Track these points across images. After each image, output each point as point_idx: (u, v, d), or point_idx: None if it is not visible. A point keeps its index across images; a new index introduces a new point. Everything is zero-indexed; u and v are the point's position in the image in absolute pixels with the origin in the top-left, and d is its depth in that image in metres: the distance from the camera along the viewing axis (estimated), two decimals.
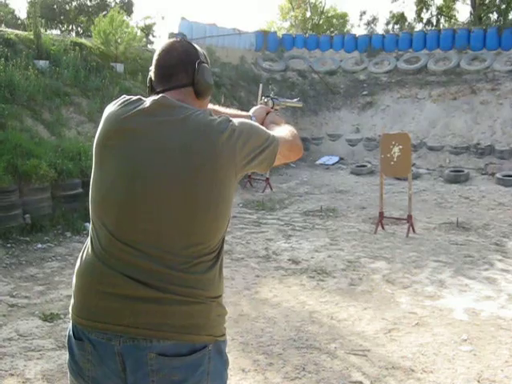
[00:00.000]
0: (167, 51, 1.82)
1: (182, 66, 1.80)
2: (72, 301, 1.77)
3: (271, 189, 12.02)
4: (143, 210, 1.67)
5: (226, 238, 6.07)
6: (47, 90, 10.21)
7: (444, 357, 4.26)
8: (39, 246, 7.05)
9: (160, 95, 1.76)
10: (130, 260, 1.66)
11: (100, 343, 1.66)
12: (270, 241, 7.89)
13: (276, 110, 2.34)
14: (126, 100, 1.79)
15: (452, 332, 4.73)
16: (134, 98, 1.79)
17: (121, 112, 1.75)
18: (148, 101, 1.75)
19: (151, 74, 1.86)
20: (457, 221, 8.85)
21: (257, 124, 1.89)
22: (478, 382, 3.87)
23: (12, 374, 3.88)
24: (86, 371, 1.71)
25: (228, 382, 3.70)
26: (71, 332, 1.76)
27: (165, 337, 1.63)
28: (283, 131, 2.02)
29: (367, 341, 4.55)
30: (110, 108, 1.80)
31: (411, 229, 8.28)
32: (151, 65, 1.87)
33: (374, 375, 3.95)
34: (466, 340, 4.56)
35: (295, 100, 2.75)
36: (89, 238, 1.78)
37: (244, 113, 2.23)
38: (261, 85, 13.15)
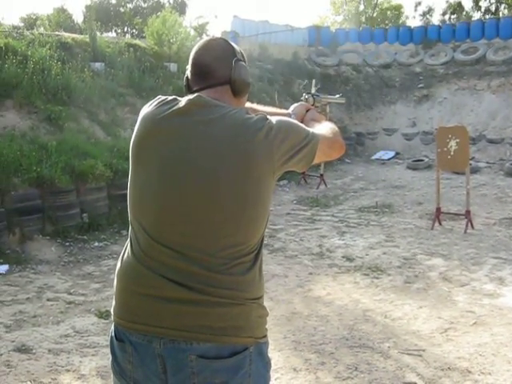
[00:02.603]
0: (203, 49, 1.81)
1: (218, 64, 1.78)
2: (113, 302, 1.78)
3: (325, 185, 11.91)
4: (181, 211, 1.66)
5: (280, 236, 6.06)
6: (103, 92, 10.44)
7: (503, 358, 4.11)
8: (96, 244, 7.21)
9: (195, 95, 1.74)
10: (169, 262, 1.65)
11: (141, 345, 1.67)
12: (324, 238, 7.82)
13: (317, 107, 2.29)
14: (162, 100, 1.78)
15: None
16: (170, 98, 1.78)
17: (157, 112, 1.74)
18: (183, 100, 1.74)
19: (188, 72, 1.85)
20: None
21: (295, 121, 1.85)
22: None
23: (68, 370, 3.98)
24: (128, 372, 1.72)
25: (279, 381, 3.69)
26: (113, 333, 1.77)
27: (205, 339, 1.62)
28: (323, 128, 1.97)
29: (422, 340, 4.45)
30: (146, 109, 1.80)
31: (469, 224, 8.05)
32: (188, 64, 1.85)
33: (428, 376, 3.85)
34: None
35: (337, 96, 2.69)
36: (128, 239, 1.78)
37: (283, 111, 2.19)
38: (314, 80, 13.04)
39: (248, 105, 2.01)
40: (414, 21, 44.98)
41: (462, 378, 3.82)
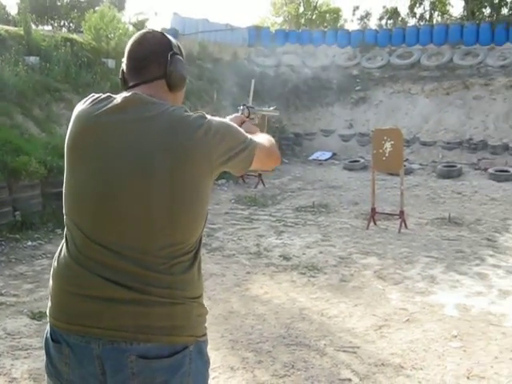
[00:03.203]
0: (139, 42, 1.78)
1: (154, 57, 1.76)
2: (49, 303, 1.74)
3: (263, 184, 11.98)
4: (118, 210, 1.64)
5: (218, 235, 6.04)
6: (37, 86, 10.15)
7: (434, 353, 4.24)
8: (29, 243, 7.00)
9: (131, 92, 1.73)
10: (107, 262, 1.62)
11: (78, 346, 1.64)
12: (262, 237, 7.86)
13: (252, 119, 2.30)
14: (96, 98, 1.74)
15: (442, 328, 4.72)
16: (104, 95, 1.75)
17: (91, 110, 1.71)
18: (119, 98, 1.71)
19: (123, 65, 1.82)
20: (449, 216, 8.84)
21: (235, 125, 1.85)
22: (468, 378, 3.86)
23: None
24: (64, 374, 1.68)
25: (216, 380, 3.69)
26: (49, 335, 1.73)
27: (145, 339, 1.61)
28: (261, 138, 1.98)
29: (357, 337, 4.54)
30: (80, 106, 1.76)
31: (403, 224, 8.27)
32: (123, 57, 1.82)
33: (363, 372, 3.93)
34: (456, 336, 4.55)
35: (272, 108, 2.71)
36: (64, 239, 1.74)
37: None
38: (253, 80, 13.07)
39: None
40: (352, 24, 45.87)
41: (395, 373, 3.92)
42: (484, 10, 24.84)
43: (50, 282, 1.74)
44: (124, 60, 1.82)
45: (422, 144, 15.06)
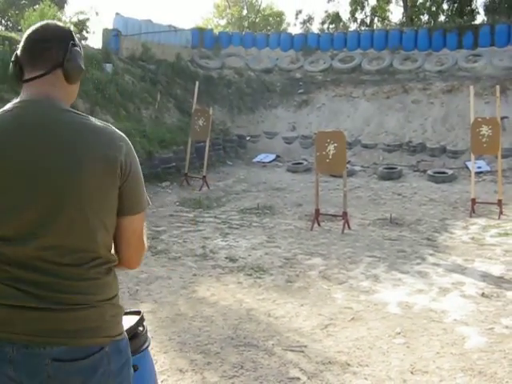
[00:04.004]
0: (42, 27, 1.77)
1: (56, 41, 1.75)
2: None
3: (208, 187, 11.97)
4: (21, 222, 1.65)
5: (163, 237, 5.99)
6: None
7: (379, 350, 4.34)
8: None
9: (29, 100, 1.72)
10: (16, 273, 1.64)
11: None
12: (207, 239, 7.85)
13: None
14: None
15: (386, 326, 4.83)
16: (8, 106, 1.73)
17: None
18: (26, 108, 1.71)
19: (18, 53, 1.77)
20: (390, 217, 9.05)
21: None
22: (412, 373, 3.96)
23: None
24: None
25: (165, 383, 3.67)
26: None
27: (58, 342, 1.65)
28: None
29: (304, 337, 4.59)
30: None
31: (346, 225, 8.42)
32: (18, 47, 1.79)
33: (311, 371, 3.99)
34: (399, 333, 4.66)
35: None
36: None
37: None
38: (197, 82, 13.06)
39: None
40: (294, 28, 46.28)
41: (342, 370, 3.99)
42: (422, 16, 25.58)
43: None
44: (20, 46, 1.77)
45: (363, 146, 15.36)
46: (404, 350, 4.35)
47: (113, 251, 1.80)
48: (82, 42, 22.47)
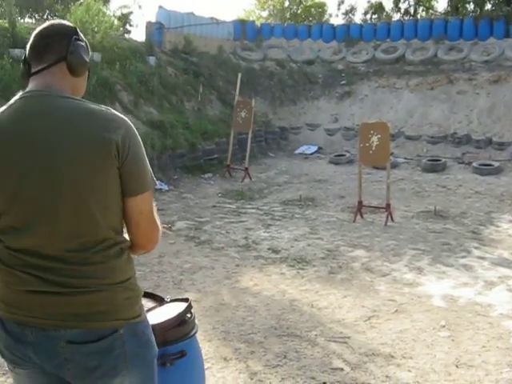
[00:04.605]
0: (46, 26, 1.88)
1: (58, 37, 1.84)
2: None
3: (250, 178, 12.01)
4: (29, 218, 1.73)
5: (206, 228, 6.06)
6: (23, 79, 10.06)
7: (423, 343, 4.32)
8: None
9: (29, 91, 1.80)
10: (28, 260, 1.73)
11: (14, 332, 1.78)
12: (250, 230, 7.90)
13: None
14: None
15: (430, 318, 4.79)
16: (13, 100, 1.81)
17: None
18: (28, 99, 1.78)
19: (26, 53, 1.87)
20: (434, 209, 8.93)
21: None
22: (457, 366, 3.93)
23: None
24: (7, 355, 1.84)
25: (210, 370, 3.73)
26: None
27: (71, 326, 1.73)
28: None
29: (347, 328, 4.60)
30: None
31: (389, 217, 8.35)
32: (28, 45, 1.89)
33: (354, 362, 3.99)
34: (444, 326, 4.62)
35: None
36: None
37: None
38: (239, 74, 13.10)
39: None
40: (336, 19, 45.75)
41: (386, 362, 3.99)
42: (468, 5, 25.01)
43: None
44: (28, 46, 1.88)
45: (406, 138, 15.16)
46: (449, 343, 4.32)
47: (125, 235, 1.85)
48: (126, 35, 22.74)
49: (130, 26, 25.75)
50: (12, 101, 1.79)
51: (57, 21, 1.93)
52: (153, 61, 14.53)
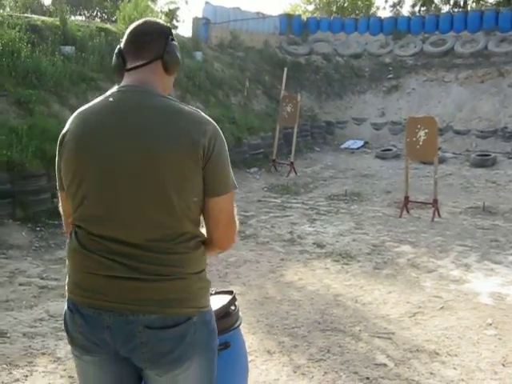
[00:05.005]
0: (143, 23, 1.96)
1: (156, 35, 1.92)
2: (67, 279, 1.92)
3: (296, 173, 12.01)
4: (113, 205, 1.80)
5: (251, 222, 6.12)
6: (73, 76, 10.31)
7: (469, 340, 4.27)
8: None
9: (127, 86, 1.88)
10: (110, 246, 1.79)
11: (90, 317, 1.83)
12: (295, 225, 7.92)
13: None
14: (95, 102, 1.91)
15: (477, 316, 4.73)
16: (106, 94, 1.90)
17: (85, 111, 1.91)
18: (115, 95, 1.87)
19: (121, 46, 1.94)
20: (483, 205, 8.77)
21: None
22: (503, 365, 3.88)
23: (43, 353, 4.00)
24: (78, 341, 1.88)
25: (254, 363, 3.78)
26: (66, 307, 1.91)
27: (150, 311, 1.78)
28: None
29: (392, 324, 4.58)
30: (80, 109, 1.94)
31: (436, 213, 8.24)
32: (121, 41, 1.96)
33: (398, 358, 3.98)
34: (491, 324, 4.56)
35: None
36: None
37: None
38: (285, 69, 13.10)
39: None
40: (384, 12, 45.23)
41: (430, 359, 3.96)
42: None
43: (67, 262, 1.93)
44: (124, 39, 1.94)
45: (455, 133, 14.89)
46: (495, 341, 4.26)
47: (203, 230, 1.91)
48: (173, 31, 23.00)
49: (177, 21, 26.07)
50: (109, 92, 1.87)
51: (152, 19, 2.01)
52: (199, 56, 14.67)
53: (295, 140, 12.40)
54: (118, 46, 1.94)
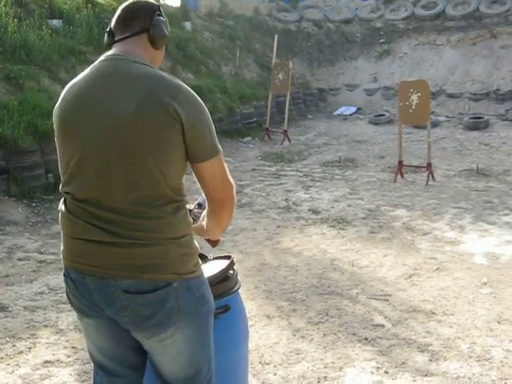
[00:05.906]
0: (133, 1, 2.02)
1: (143, 11, 1.99)
2: (61, 247, 2.00)
3: (289, 141, 12.00)
4: (92, 168, 1.85)
5: (246, 191, 6.14)
6: (62, 50, 10.18)
7: (464, 300, 4.33)
8: None
9: (109, 55, 1.94)
10: (92, 211, 1.85)
11: (78, 281, 1.92)
12: (290, 192, 7.95)
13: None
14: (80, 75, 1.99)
15: (472, 276, 4.79)
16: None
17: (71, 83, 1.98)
18: (103, 60, 1.94)
19: (111, 24, 2.02)
20: (477, 167, 8.81)
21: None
22: (498, 322, 3.95)
23: (46, 326, 4.04)
24: (75, 303, 1.98)
25: (253, 327, 3.83)
26: (63, 272, 2.01)
27: (128, 276, 1.84)
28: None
29: (388, 286, 4.64)
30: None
31: (431, 176, 8.28)
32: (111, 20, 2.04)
33: (395, 318, 4.04)
34: (486, 283, 4.62)
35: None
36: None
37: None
38: (276, 36, 12.99)
39: None
40: None
41: (427, 318, 4.03)
42: None
43: (60, 229, 2.00)
44: (113, 18, 2.04)
45: (448, 96, 14.85)
46: (491, 299, 4.32)
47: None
48: (161, 1, 22.67)
49: None
50: (96, 62, 1.94)
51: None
52: (189, 26, 14.52)
53: (288, 108, 12.35)
54: (109, 25, 2.03)
